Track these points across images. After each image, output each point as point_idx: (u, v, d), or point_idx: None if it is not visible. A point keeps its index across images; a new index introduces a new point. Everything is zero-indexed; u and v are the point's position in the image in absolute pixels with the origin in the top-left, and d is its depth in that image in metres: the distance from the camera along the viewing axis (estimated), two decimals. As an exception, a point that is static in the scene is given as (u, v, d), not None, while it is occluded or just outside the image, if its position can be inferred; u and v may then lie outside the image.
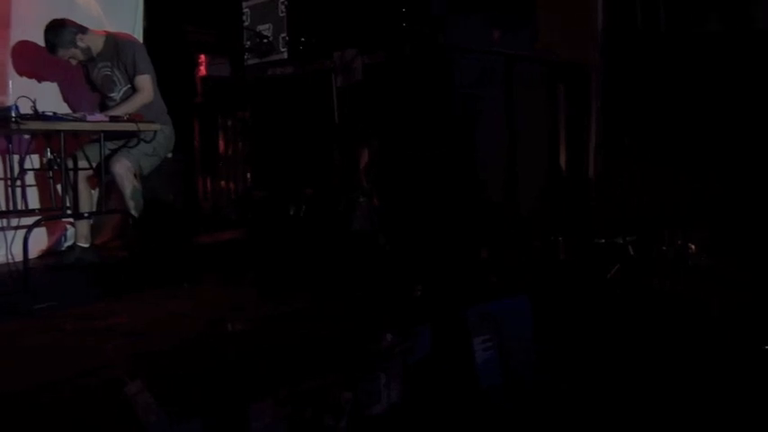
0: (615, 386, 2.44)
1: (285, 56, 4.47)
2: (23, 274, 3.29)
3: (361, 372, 2.21)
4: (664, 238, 3.59)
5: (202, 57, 5.73)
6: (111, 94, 4.07)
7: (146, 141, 3.89)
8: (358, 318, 2.67)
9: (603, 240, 3.88)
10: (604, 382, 2.47)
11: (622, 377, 2.48)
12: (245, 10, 4.69)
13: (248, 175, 5.62)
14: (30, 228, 3.52)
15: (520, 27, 4.54)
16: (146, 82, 3.98)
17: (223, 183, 5.86)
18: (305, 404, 2.03)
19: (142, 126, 3.75)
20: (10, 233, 3.76)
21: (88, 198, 4.06)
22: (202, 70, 5.74)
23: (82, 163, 3.94)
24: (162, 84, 4.14)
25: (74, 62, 3.98)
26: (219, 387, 1.99)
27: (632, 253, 3.58)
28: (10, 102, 3.54)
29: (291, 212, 4.17)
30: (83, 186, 4.00)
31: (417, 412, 2.28)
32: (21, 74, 4.19)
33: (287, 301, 3.01)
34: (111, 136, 3.85)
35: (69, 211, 3.81)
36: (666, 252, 3.50)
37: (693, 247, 3.45)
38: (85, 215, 3.96)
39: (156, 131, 3.90)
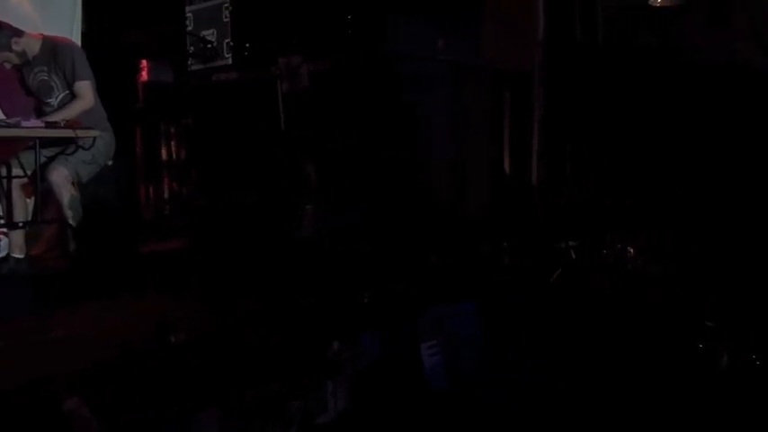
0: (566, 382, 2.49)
1: (230, 62, 4.42)
2: (-46, 287, 3.15)
3: (309, 380, 2.20)
4: (604, 243, 3.70)
5: (144, 62, 5.61)
6: (49, 100, 3.94)
7: (84, 148, 3.78)
8: (305, 326, 2.65)
9: (547, 245, 3.97)
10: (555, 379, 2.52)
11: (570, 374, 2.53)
12: (189, 15, 4.62)
13: (192, 183, 5.53)
14: (-40, 238, 3.37)
15: (466, 36, 4.62)
16: (86, 88, 3.87)
17: (166, 190, 5.74)
18: (251, 414, 2.01)
19: (80, 133, 3.64)
20: (-61, 244, 3.58)
21: (23, 207, 3.91)
22: (144, 76, 5.61)
23: (16, 170, 3.79)
24: (102, 89, 4.03)
25: (8, 66, 3.83)
26: (162, 399, 1.94)
27: (574, 257, 3.67)
28: (-62, 107, 3.38)
29: (236, 219, 4.12)
30: (17, 195, 3.85)
31: (365, 419, 2.27)
32: (-50, 78, 4.02)
33: (232, 309, 2.96)
34: (47, 143, 3.72)
35: (3, 221, 3.67)
36: (606, 256, 3.60)
37: (632, 250, 3.56)
38: (20, 225, 3.81)
39: (95, 138, 3.79)
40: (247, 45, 4.40)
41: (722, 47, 4.47)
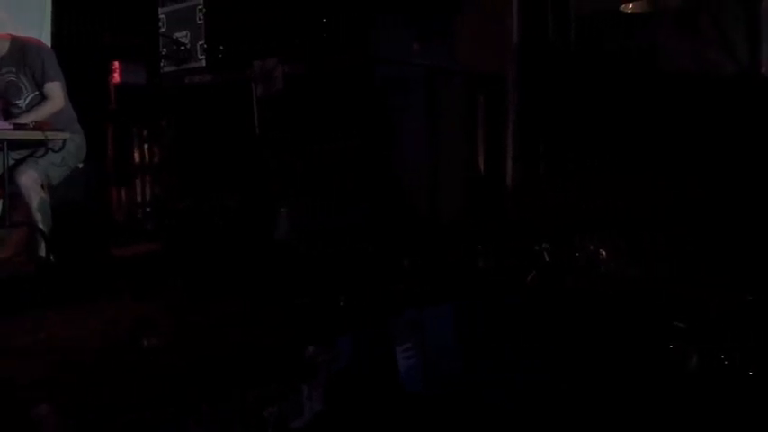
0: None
1: (203, 64, 4.39)
2: None
3: (284, 384, 2.19)
4: (577, 245, 3.74)
5: (116, 63, 5.54)
6: (17, 102, 3.87)
7: (54, 151, 3.72)
8: (280, 329, 2.64)
9: (520, 247, 4.00)
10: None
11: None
12: (162, 16, 4.58)
13: (165, 186, 5.47)
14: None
15: (441, 39, 4.64)
16: (56, 89, 3.81)
17: (138, 193, 5.67)
18: (226, 420, 1.99)
19: (50, 135, 3.58)
20: None
21: (-9, 210, 3.83)
22: (116, 77, 5.54)
23: (-17, 173, 3.71)
24: (73, 91, 3.98)
25: (-26, 67, 3.76)
26: (135, 406, 1.91)
27: (548, 259, 3.70)
28: None
29: (210, 223, 4.08)
30: (-16, 198, 3.77)
31: (340, 423, 2.27)
32: None
33: (206, 314, 2.94)
34: (16, 145, 3.66)
35: (-30, 225, 3.59)
36: (579, 258, 3.64)
37: (604, 252, 3.60)
38: (-12, 228, 3.74)
39: (65, 140, 3.74)
40: (221, 47, 4.37)
41: (692, 53, 4.55)
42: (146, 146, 5.69)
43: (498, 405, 2.43)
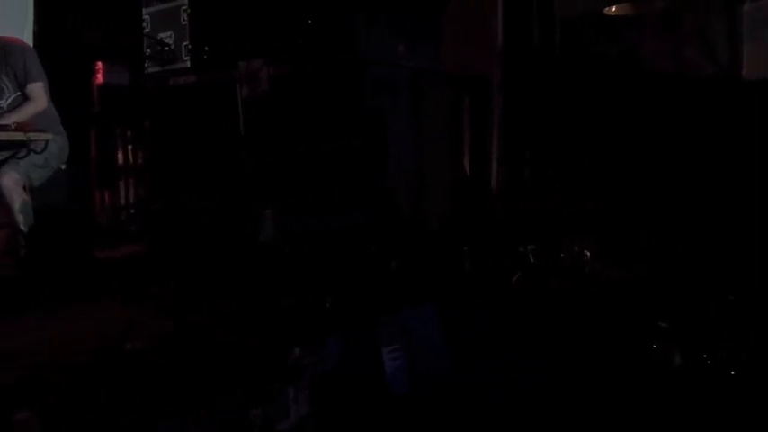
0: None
1: (188, 65, 4.36)
2: None
3: (270, 387, 2.18)
4: (561, 246, 3.77)
5: (99, 64, 5.49)
6: (-2, 102, 3.83)
7: (36, 152, 3.69)
8: (265, 332, 2.63)
9: (506, 249, 4.01)
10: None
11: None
12: (146, 17, 4.55)
13: (149, 187, 5.43)
14: None
15: (427, 42, 4.65)
16: (39, 90, 3.78)
17: (122, 195, 5.63)
18: (210, 424, 1.97)
19: (32, 136, 3.55)
20: None
21: (-28, 212, 3.78)
22: (99, 78, 5.49)
23: (-36, 175, 3.66)
24: (55, 92, 3.94)
25: (-45, 67, 3.72)
26: (117, 411, 1.90)
27: (533, 261, 3.72)
28: None
29: (195, 225, 4.05)
30: (-35, 200, 3.72)
31: (326, 425, 2.26)
32: None
33: (190, 316, 2.92)
34: (-3, 146, 3.62)
35: (-51, 227, 3.55)
36: (564, 259, 3.66)
37: (589, 254, 3.63)
38: (-32, 230, 3.69)
39: (47, 141, 3.71)
40: (206, 48, 4.34)
41: (674, 55, 4.60)
42: (129, 147, 5.64)
43: (487, 405, 2.44)
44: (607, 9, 4.51)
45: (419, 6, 4.54)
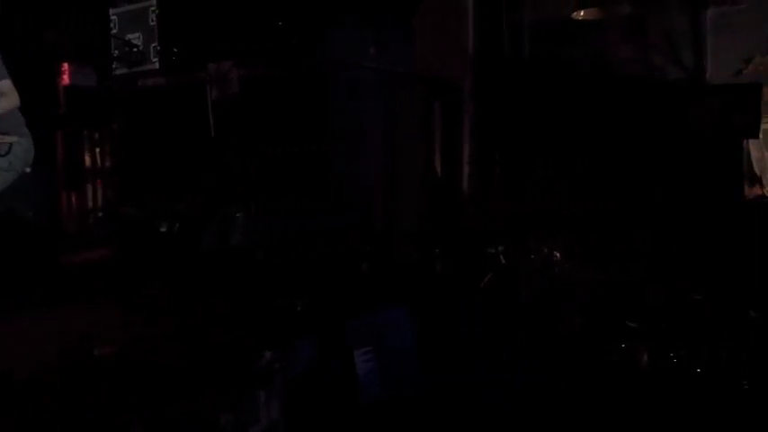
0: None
1: (157, 66, 4.30)
2: None
3: (240, 391, 2.16)
4: (531, 248, 3.80)
5: (65, 65, 5.39)
6: (-39, 104, 3.73)
7: (0, 155, 3.60)
8: (235, 336, 2.61)
9: (477, 251, 4.04)
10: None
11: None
12: (113, 17, 4.48)
13: (118, 191, 5.35)
14: None
15: (400, 46, 4.66)
16: (8, 86, 3.69)
17: (90, 198, 5.53)
18: (178, 428, 1.95)
19: (-5, 138, 3.46)
20: None
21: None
22: (65, 79, 5.40)
23: (-76, 178, 3.57)
24: (19, 93, 3.85)
25: None
26: (84, 414, 1.86)
27: (503, 262, 3.75)
28: None
29: (164, 228, 4.00)
30: (-75, 204, 3.63)
31: (298, 429, 2.25)
32: None
33: (159, 321, 2.88)
34: (-41, 148, 3.53)
35: None
36: (534, 261, 3.70)
37: (558, 255, 3.67)
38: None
39: (11, 144, 3.61)
40: (175, 50, 4.29)
41: (640, 59, 4.69)
42: (97, 150, 5.55)
43: (457, 405, 2.45)
44: (575, 14, 4.58)
45: (391, 12, 4.55)
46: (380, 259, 3.92)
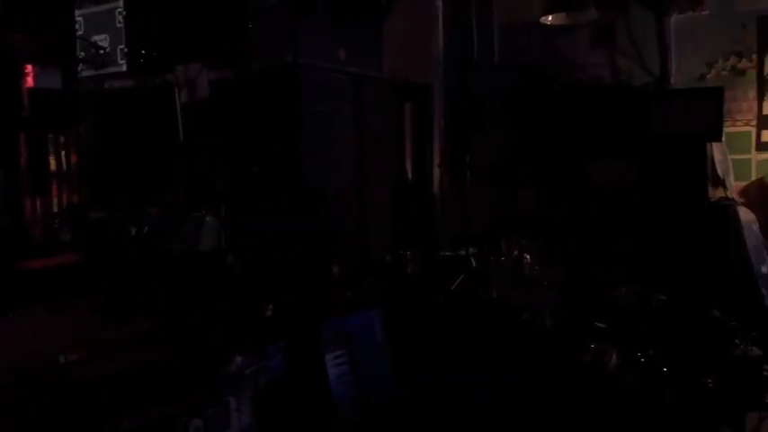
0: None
1: (124, 68, 4.25)
2: None
3: (210, 397, 2.13)
4: (502, 250, 3.83)
5: (29, 67, 5.28)
6: None
7: (-39, 158, 3.52)
8: (206, 341, 2.58)
9: (448, 253, 4.06)
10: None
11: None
12: (79, 18, 4.41)
13: (84, 195, 5.25)
14: None
15: (370, 48, 4.67)
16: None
17: (55, 202, 5.42)
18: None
19: (-44, 141, 3.38)
20: None
21: None
22: (29, 81, 5.29)
23: None
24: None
25: None
26: (51, 423, 1.82)
27: (474, 264, 3.77)
28: None
29: (133, 233, 3.94)
30: None
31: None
32: None
33: (127, 326, 2.83)
34: None
35: None
36: (505, 263, 3.73)
37: (528, 257, 3.71)
38: None
39: (-27, 147, 3.54)
40: (143, 51, 4.24)
41: (607, 63, 4.77)
42: (62, 153, 5.45)
43: (432, 407, 2.46)
44: (543, 18, 4.64)
45: (361, 14, 4.55)
46: (352, 262, 3.91)
